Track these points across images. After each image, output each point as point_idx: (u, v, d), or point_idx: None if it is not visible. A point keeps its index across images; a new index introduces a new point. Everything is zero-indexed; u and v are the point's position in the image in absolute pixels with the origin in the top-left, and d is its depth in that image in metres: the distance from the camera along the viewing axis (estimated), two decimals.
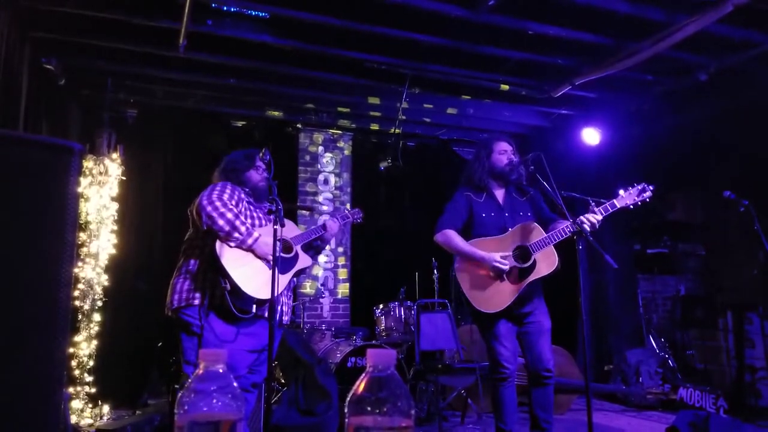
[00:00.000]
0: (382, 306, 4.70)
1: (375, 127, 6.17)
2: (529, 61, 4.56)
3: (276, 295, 2.31)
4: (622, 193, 2.92)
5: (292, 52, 4.40)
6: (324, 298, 5.86)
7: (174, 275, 2.64)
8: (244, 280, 2.48)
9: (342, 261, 6.07)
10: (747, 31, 3.96)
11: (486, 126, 6.27)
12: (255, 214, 2.72)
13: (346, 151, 6.28)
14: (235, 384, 0.91)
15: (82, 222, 4.16)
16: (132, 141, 5.09)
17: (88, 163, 4.30)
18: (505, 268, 2.95)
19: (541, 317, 3.06)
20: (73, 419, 3.82)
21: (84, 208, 4.19)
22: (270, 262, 2.44)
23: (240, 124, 5.78)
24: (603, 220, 2.85)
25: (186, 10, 3.57)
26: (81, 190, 4.14)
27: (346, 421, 0.82)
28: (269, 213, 2.55)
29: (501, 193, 3.22)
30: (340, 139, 6.27)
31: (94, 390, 4.05)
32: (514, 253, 3.00)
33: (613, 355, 5.40)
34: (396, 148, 5.92)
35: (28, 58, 3.89)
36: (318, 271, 5.92)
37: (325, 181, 6.14)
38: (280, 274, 2.40)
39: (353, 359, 4.27)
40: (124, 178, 4.51)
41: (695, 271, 6.05)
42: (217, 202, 2.51)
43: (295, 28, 4.08)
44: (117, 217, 4.40)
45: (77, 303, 4.05)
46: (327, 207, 6.05)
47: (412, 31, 4.05)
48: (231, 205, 2.54)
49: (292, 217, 4.87)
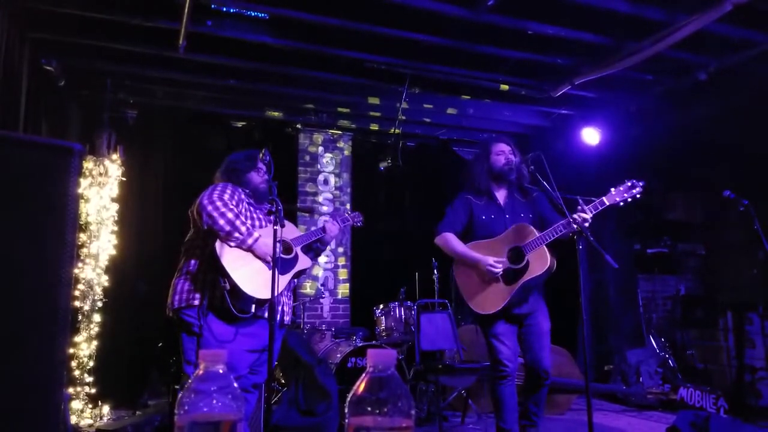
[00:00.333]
0: (382, 306, 4.70)
1: (375, 127, 6.17)
2: (529, 61, 4.56)
3: (276, 295, 2.31)
4: (612, 191, 2.92)
5: (292, 52, 4.40)
6: (324, 298, 5.86)
7: (175, 276, 2.65)
8: (244, 280, 2.48)
9: (342, 261, 6.07)
10: (747, 31, 3.96)
11: (486, 126, 6.27)
12: (255, 215, 2.72)
13: (346, 152, 6.28)
14: (235, 384, 0.91)
15: (82, 223, 4.16)
16: (132, 142, 5.09)
17: (88, 164, 4.30)
18: (498, 270, 2.99)
19: (540, 319, 3.07)
20: (73, 419, 3.83)
21: (84, 208, 4.19)
22: (269, 263, 2.44)
23: (240, 124, 5.79)
24: (593, 218, 2.86)
25: (185, 11, 3.57)
26: (81, 190, 4.14)
27: (347, 421, 0.82)
28: (269, 214, 2.56)
29: (502, 195, 3.21)
30: (339, 140, 6.27)
31: (94, 390, 4.06)
32: (508, 255, 3.02)
33: (614, 355, 5.39)
34: (396, 148, 5.92)
35: (27, 58, 3.90)
36: (318, 271, 5.92)
37: (325, 181, 6.14)
38: (279, 275, 2.40)
39: (353, 359, 4.27)
40: (124, 179, 4.51)
41: (695, 270, 6.05)
42: (217, 202, 2.52)
43: (294, 29, 4.08)
44: (117, 218, 4.41)
45: (77, 303, 4.06)
46: (327, 207, 6.05)
47: (412, 31, 4.05)
48: (231, 205, 2.55)
49: (292, 218, 4.87)
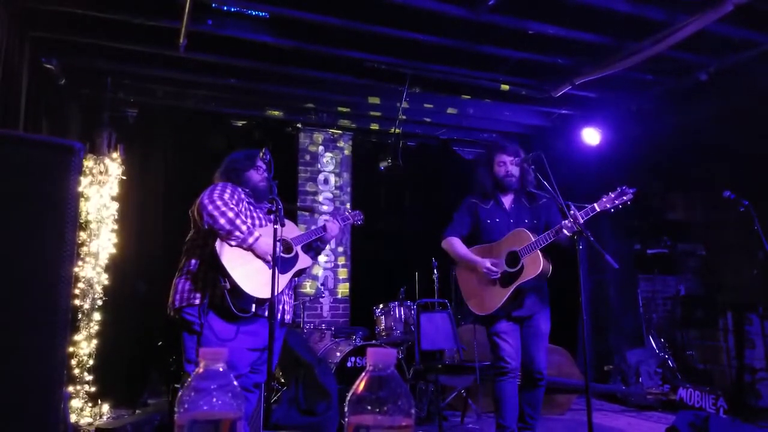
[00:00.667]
0: (382, 306, 4.70)
1: (375, 126, 6.17)
2: (529, 61, 4.56)
3: (276, 294, 2.31)
4: (603, 197, 2.93)
5: (293, 51, 4.40)
6: (324, 297, 5.86)
7: (176, 275, 2.66)
8: (244, 279, 2.49)
9: (342, 261, 6.07)
10: (747, 31, 3.96)
11: (486, 126, 6.27)
12: (255, 214, 2.72)
13: (346, 151, 6.28)
14: (235, 383, 0.91)
15: (82, 221, 4.16)
16: (132, 140, 5.09)
17: (89, 163, 4.30)
18: (494, 272, 3.10)
19: (539, 320, 3.14)
20: (73, 418, 3.83)
21: (84, 207, 4.19)
22: (270, 262, 2.45)
23: (240, 123, 5.78)
24: (584, 223, 2.88)
25: (186, 10, 3.57)
26: (81, 189, 4.14)
27: (346, 420, 0.82)
28: (269, 213, 2.56)
29: (509, 200, 3.31)
30: (340, 139, 6.26)
31: (93, 389, 4.06)
32: (506, 258, 3.11)
33: (613, 355, 5.40)
34: (396, 147, 5.91)
35: (28, 57, 3.90)
36: (318, 270, 5.92)
37: (325, 180, 6.14)
38: (279, 274, 2.41)
39: (353, 359, 4.27)
40: (125, 178, 4.51)
41: (695, 271, 6.04)
42: (218, 201, 2.52)
43: (295, 28, 4.08)
44: (117, 217, 4.41)
45: (77, 302, 4.06)
46: (327, 207, 6.05)
47: (413, 31, 4.05)
48: (231, 205, 2.56)
49: (292, 217, 4.87)
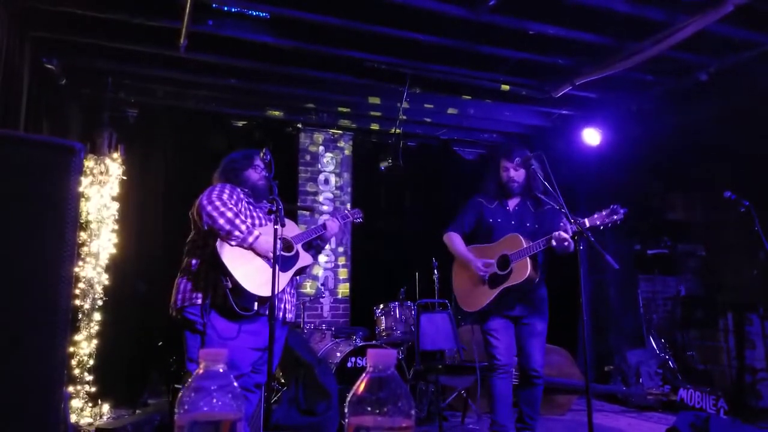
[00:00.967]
0: (382, 306, 4.70)
1: (375, 127, 6.17)
2: (530, 61, 4.56)
3: (277, 292, 2.32)
4: (595, 214, 2.94)
5: (293, 52, 4.40)
6: (324, 297, 5.86)
7: (178, 276, 2.68)
8: (246, 278, 2.50)
9: (342, 261, 6.07)
10: (748, 32, 3.96)
11: (487, 126, 6.27)
12: (255, 214, 2.73)
13: (347, 151, 6.28)
14: (235, 383, 0.91)
15: (82, 221, 4.17)
16: (133, 141, 5.09)
17: (89, 163, 4.30)
18: (484, 272, 3.19)
19: (534, 320, 3.19)
20: (73, 418, 3.83)
21: (85, 207, 4.19)
22: (271, 260, 2.46)
23: (240, 124, 5.78)
24: (570, 239, 2.93)
25: (187, 10, 3.57)
26: (82, 189, 4.14)
27: (347, 421, 0.82)
28: (269, 213, 2.57)
29: (514, 203, 3.36)
30: (340, 139, 6.27)
31: (94, 389, 4.06)
32: (498, 261, 3.18)
33: (614, 356, 5.39)
34: (396, 148, 5.90)
35: (28, 57, 3.90)
36: (318, 270, 5.92)
37: (326, 180, 6.14)
38: (281, 272, 2.43)
39: (353, 359, 4.27)
40: (125, 178, 4.51)
41: (696, 271, 6.04)
42: (216, 202, 2.53)
43: (295, 28, 4.08)
44: (117, 217, 4.41)
45: (77, 302, 4.06)
46: (327, 207, 6.05)
47: (413, 31, 4.05)
48: (231, 205, 2.57)
49: (292, 217, 4.87)
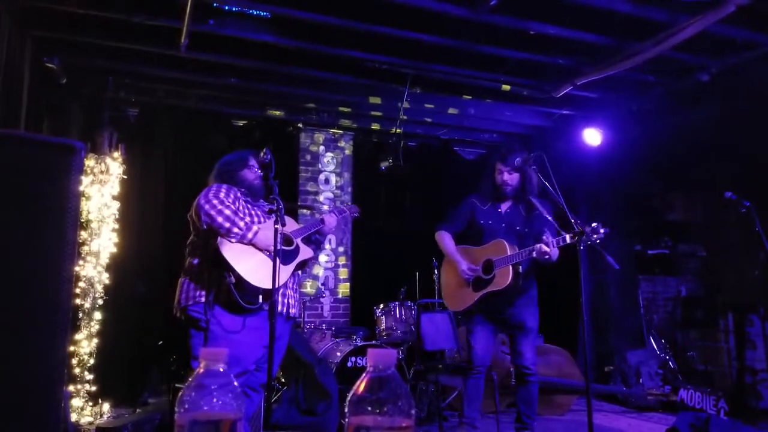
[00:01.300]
0: (382, 306, 4.70)
1: (376, 126, 6.17)
2: (531, 61, 4.56)
3: (279, 285, 2.36)
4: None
5: (294, 51, 4.40)
6: (324, 297, 5.86)
7: (181, 277, 2.70)
8: (249, 272, 2.53)
9: (342, 260, 6.07)
10: (749, 32, 3.95)
11: (487, 126, 6.27)
12: (253, 212, 2.74)
13: (347, 151, 6.28)
14: (235, 383, 0.91)
15: (83, 220, 4.17)
16: (133, 140, 5.09)
17: (90, 162, 4.30)
18: (469, 275, 3.27)
19: (524, 319, 3.24)
20: (74, 417, 3.83)
21: (85, 206, 4.19)
22: (272, 254, 2.48)
23: (241, 123, 5.78)
24: (553, 251, 3.00)
25: (187, 10, 3.57)
26: (82, 188, 4.12)
27: (347, 420, 0.82)
28: (270, 213, 2.59)
29: (506, 205, 3.39)
30: (341, 139, 6.26)
31: (94, 388, 4.06)
32: (483, 265, 3.24)
33: (614, 356, 5.39)
34: (397, 147, 5.91)
35: (29, 57, 3.90)
36: (318, 270, 5.92)
37: (326, 180, 6.14)
38: (282, 265, 2.47)
39: (353, 359, 4.27)
40: (125, 177, 4.50)
41: (696, 272, 6.04)
42: (214, 200, 2.56)
43: (296, 28, 4.08)
44: (118, 216, 4.41)
45: (78, 301, 4.06)
46: (328, 206, 6.04)
47: (414, 31, 4.05)
48: (228, 202, 2.59)
49: (293, 215, 4.87)
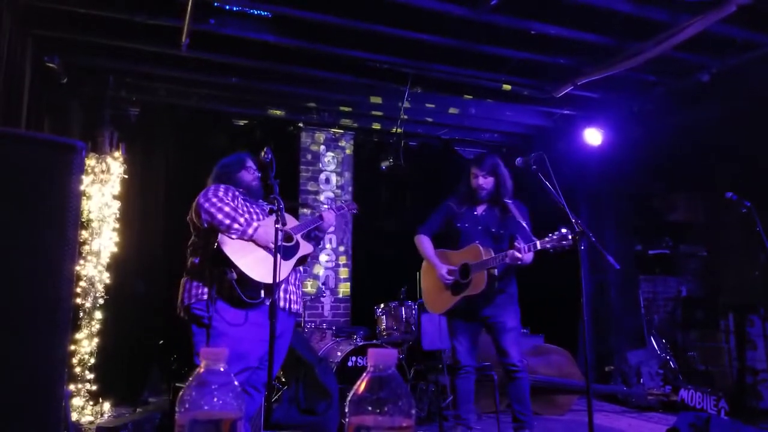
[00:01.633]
0: (382, 305, 4.70)
1: (377, 126, 6.16)
2: (532, 61, 4.55)
3: (280, 279, 2.38)
4: (547, 237, 3.00)
5: (295, 51, 4.39)
6: (325, 297, 5.87)
7: (183, 277, 2.72)
8: (250, 267, 2.55)
9: (343, 260, 6.07)
10: (750, 32, 3.95)
11: (488, 126, 6.26)
12: (252, 210, 2.76)
13: (348, 151, 6.28)
14: (236, 382, 0.91)
15: (84, 220, 4.17)
16: (134, 139, 5.09)
17: (90, 161, 4.30)
18: (448, 279, 3.31)
19: (503, 320, 3.28)
20: (74, 416, 3.83)
21: (86, 206, 4.19)
22: (272, 249, 2.49)
23: (242, 122, 5.78)
24: (525, 256, 3.06)
25: (188, 9, 3.57)
26: (83, 188, 4.14)
27: (347, 420, 0.82)
28: (270, 213, 2.60)
29: (482, 208, 3.45)
30: (341, 138, 6.26)
31: (95, 387, 4.07)
32: (460, 269, 3.28)
33: (614, 356, 5.39)
34: (398, 147, 5.91)
35: (30, 56, 3.90)
36: (319, 270, 5.92)
37: (327, 180, 6.14)
38: (282, 260, 2.50)
39: (354, 358, 4.27)
40: (126, 177, 4.51)
41: (697, 272, 6.04)
42: (213, 199, 2.59)
43: (297, 28, 4.08)
44: (119, 215, 4.41)
45: (79, 300, 4.06)
46: (328, 206, 6.03)
47: (414, 31, 4.04)
48: (227, 200, 2.63)
49: (293, 214, 4.87)
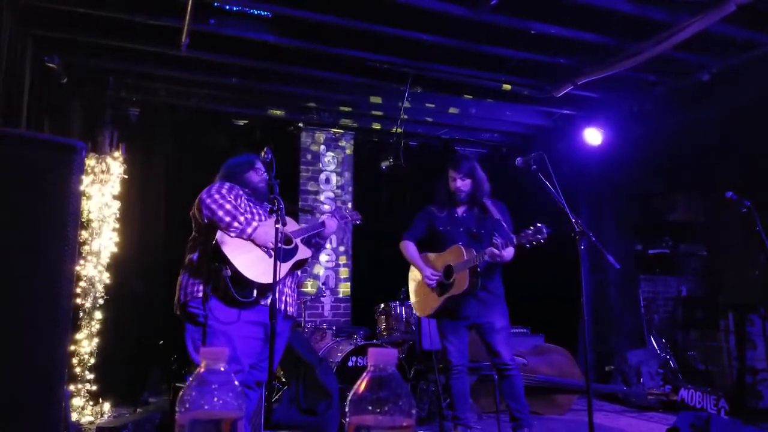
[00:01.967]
0: (383, 305, 4.70)
1: (377, 126, 6.16)
2: (532, 61, 4.55)
3: (278, 279, 2.38)
4: (521, 232, 3.04)
5: (295, 51, 4.39)
6: (325, 297, 5.87)
7: (180, 273, 2.72)
8: (245, 266, 2.55)
9: (343, 260, 6.07)
10: (750, 32, 3.95)
11: (488, 126, 6.27)
12: (255, 210, 2.77)
13: (348, 151, 6.28)
14: (236, 382, 0.91)
15: (84, 220, 4.17)
16: (134, 139, 5.09)
17: (90, 161, 4.30)
18: (431, 282, 3.34)
19: (491, 318, 3.29)
20: (74, 417, 3.83)
21: (86, 206, 4.19)
22: (270, 250, 2.48)
23: (242, 122, 5.78)
24: (504, 252, 3.07)
25: (189, 9, 3.57)
26: (83, 188, 4.14)
27: (347, 420, 0.82)
28: (271, 212, 2.60)
29: (462, 210, 3.46)
30: (341, 138, 6.26)
31: (95, 387, 4.07)
32: (444, 270, 3.30)
33: (614, 356, 5.39)
34: (398, 147, 5.91)
35: (30, 56, 3.90)
36: (319, 270, 5.92)
37: (327, 180, 6.14)
38: (280, 262, 2.47)
39: (354, 358, 4.27)
40: (126, 177, 4.51)
41: (697, 271, 6.04)
42: (215, 195, 2.61)
43: (297, 27, 4.08)
44: (119, 215, 4.41)
45: (79, 300, 4.06)
46: (328, 206, 6.05)
47: (415, 31, 4.04)
48: (230, 198, 2.64)
49: (293, 217, 4.87)
